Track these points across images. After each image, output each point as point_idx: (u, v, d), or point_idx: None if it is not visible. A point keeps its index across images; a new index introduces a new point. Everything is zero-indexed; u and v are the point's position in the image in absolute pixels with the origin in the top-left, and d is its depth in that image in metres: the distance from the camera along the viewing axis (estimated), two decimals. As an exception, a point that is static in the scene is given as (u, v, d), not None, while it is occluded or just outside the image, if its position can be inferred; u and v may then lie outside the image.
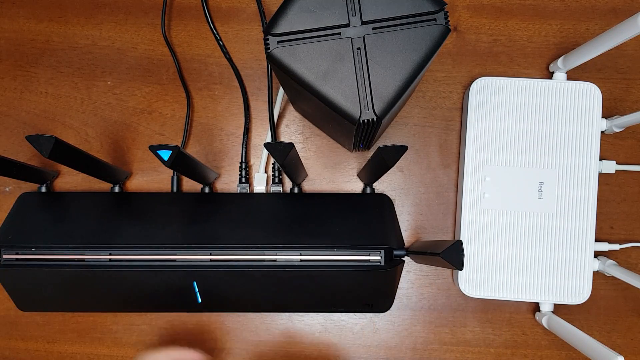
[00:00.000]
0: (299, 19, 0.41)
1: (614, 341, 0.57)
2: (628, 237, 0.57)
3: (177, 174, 0.58)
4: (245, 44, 0.59)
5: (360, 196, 0.56)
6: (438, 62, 0.58)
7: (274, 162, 0.58)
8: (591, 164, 0.54)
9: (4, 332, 0.59)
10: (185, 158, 0.47)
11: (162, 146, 0.44)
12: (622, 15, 0.58)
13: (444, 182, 0.58)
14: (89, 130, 0.59)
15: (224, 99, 0.59)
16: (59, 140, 0.44)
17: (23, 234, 0.53)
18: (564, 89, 0.55)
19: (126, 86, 0.59)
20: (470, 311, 0.58)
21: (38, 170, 0.55)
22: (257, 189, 0.58)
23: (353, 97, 0.41)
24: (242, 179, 0.58)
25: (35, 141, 0.44)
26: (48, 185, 0.57)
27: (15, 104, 0.59)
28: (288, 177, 0.52)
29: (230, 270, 0.51)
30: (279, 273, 0.50)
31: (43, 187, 0.57)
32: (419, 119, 0.58)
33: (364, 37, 0.41)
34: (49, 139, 0.44)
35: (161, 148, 0.44)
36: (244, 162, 0.58)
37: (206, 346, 0.58)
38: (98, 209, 0.53)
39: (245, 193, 0.57)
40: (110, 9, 0.60)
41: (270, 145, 0.42)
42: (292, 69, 0.41)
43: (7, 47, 0.60)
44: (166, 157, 0.44)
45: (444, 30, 0.41)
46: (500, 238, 0.55)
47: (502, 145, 0.55)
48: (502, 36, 0.58)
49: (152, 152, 0.44)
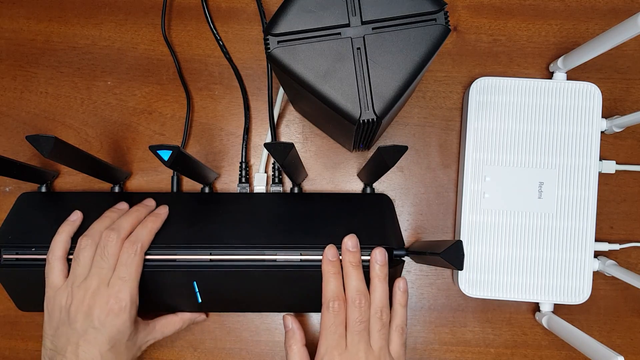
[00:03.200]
0: (299, 19, 0.41)
1: (614, 341, 0.57)
2: (628, 237, 0.57)
3: (177, 174, 0.58)
4: (245, 44, 0.59)
5: (360, 196, 0.56)
6: (438, 62, 0.58)
7: (274, 162, 0.58)
8: (591, 164, 0.54)
9: (4, 332, 0.59)
10: (185, 158, 0.47)
11: (162, 146, 0.44)
12: (622, 15, 0.58)
13: (444, 182, 0.58)
14: (89, 130, 0.59)
15: (224, 99, 0.59)
16: (59, 140, 0.44)
17: (23, 234, 0.53)
18: (564, 89, 0.55)
19: (126, 86, 0.59)
20: (470, 311, 0.58)
21: (38, 170, 0.55)
22: (257, 189, 0.58)
23: (353, 97, 0.41)
24: (242, 179, 0.58)
25: (35, 141, 0.44)
26: (48, 185, 0.57)
27: (15, 104, 0.59)
28: (288, 177, 0.52)
29: (230, 270, 0.51)
30: (279, 273, 0.50)
31: (43, 187, 0.57)
32: (419, 119, 0.58)
33: (364, 37, 0.41)
34: (48, 139, 0.44)
35: (161, 148, 0.44)
36: (244, 162, 0.58)
37: (206, 346, 0.58)
38: (98, 208, 0.53)
39: (245, 193, 0.57)
40: (110, 9, 0.60)
41: (271, 145, 0.42)
42: (292, 69, 0.41)
43: (7, 47, 0.60)
44: (166, 157, 0.44)
45: (444, 30, 0.41)
46: (500, 238, 0.55)
47: (502, 145, 0.55)
48: (502, 36, 0.58)
49: (152, 152, 0.44)
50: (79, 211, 0.52)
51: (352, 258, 0.49)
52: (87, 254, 0.48)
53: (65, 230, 0.50)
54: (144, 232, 0.50)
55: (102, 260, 0.48)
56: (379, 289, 0.49)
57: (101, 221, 0.51)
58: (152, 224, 0.51)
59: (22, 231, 0.53)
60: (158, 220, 0.52)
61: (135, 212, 0.52)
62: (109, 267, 0.48)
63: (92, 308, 0.47)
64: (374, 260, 0.49)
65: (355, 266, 0.49)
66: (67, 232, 0.50)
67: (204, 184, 0.56)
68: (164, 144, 0.44)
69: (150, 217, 0.52)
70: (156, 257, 0.51)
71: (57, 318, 0.48)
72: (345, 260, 0.49)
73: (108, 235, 0.49)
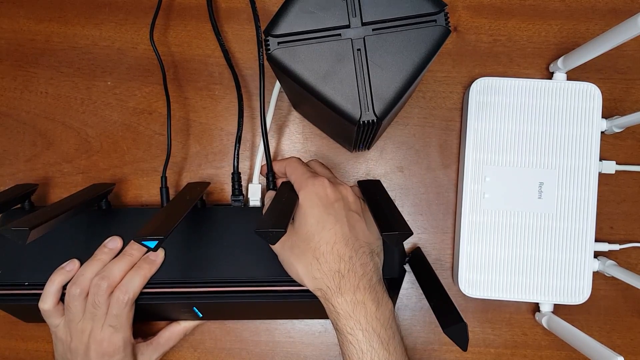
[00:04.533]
0: (299, 20, 0.41)
1: (613, 341, 0.57)
2: (628, 238, 0.57)
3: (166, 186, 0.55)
4: (245, 44, 0.59)
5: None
6: (438, 63, 0.58)
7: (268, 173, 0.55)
8: (591, 164, 0.54)
9: (4, 332, 0.59)
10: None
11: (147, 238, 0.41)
12: (622, 15, 0.58)
13: (444, 183, 0.58)
14: (89, 130, 0.59)
15: (224, 99, 0.59)
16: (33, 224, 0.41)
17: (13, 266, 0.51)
18: (564, 89, 0.55)
19: (126, 86, 0.59)
20: (470, 311, 0.58)
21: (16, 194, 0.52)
22: (252, 200, 0.55)
23: (353, 98, 0.41)
24: (236, 191, 0.54)
25: (9, 234, 0.40)
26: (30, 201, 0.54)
27: (16, 104, 0.59)
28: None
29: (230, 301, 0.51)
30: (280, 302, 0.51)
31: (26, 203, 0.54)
32: (419, 119, 0.58)
33: (364, 38, 0.41)
34: (22, 232, 0.40)
35: (146, 239, 0.41)
36: (236, 172, 0.54)
37: (206, 346, 0.58)
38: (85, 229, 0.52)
39: (239, 207, 0.54)
40: (110, 9, 0.59)
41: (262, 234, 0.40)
42: (293, 70, 0.41)
43: (7, 47, 0.60)
44: (152, 246, 0.41)
45: (444, 32, 0.41)
46: (500, 238, 0.55)
47: (502, 146, 0.55)
48: (502, 36, 0.58)
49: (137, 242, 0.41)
50: (76, 261, 0.51)
51: None
52: (78, 302, 0.49)
53: (57, 279, 0.49)
54: (136, 281, 0.49)
55: (94, 309, 0.48)
56: None
57: (91, 265, 0.50)
58: (145, 271, 0.50)
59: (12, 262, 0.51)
60: (153, 267, 0.50)
61: (128, 257, 0.50)
62: (102, 313, 0.48)
63: (89, 349, 0.49)
64: None
65: None
66: (59, 282, 0.50)
67: None
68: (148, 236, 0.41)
69: (144, 264, 0.50)
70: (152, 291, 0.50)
71: (61, 349, 0.50)
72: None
73: (98, 285, 0.48)
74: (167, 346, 0.54)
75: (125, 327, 0.49)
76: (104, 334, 0.48)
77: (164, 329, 0.54)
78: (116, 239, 0.51)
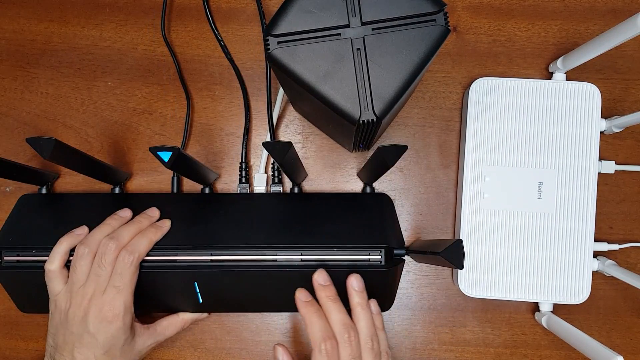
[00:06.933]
0: (299, 19, 0.41)
1: (613, 341, 0.57)
2: (627, 237, 0.57)
3: (177, 174, 0.58)
4: (245, 44, 0.59)
5: (360, 196, 0.56)
6: (438, 63, 0.58)
7: (274, 162, 0.58)
8: (590, 164, 0.55)
9: (4, 332, 0.59)
10: (185, 159, 0.47)
11: (162, 147, 0.44)
12: (621, 15, 0.58)
13: (444, 182, 0.58)
14: (90, 130, 0.59)
15: (224, 99, 0.59)
16: (59, 142, 0.44)
17: (24, 235, 0.53)
18: (564, 89, 0.55)
19: (126, 86, 0.59)
20: (470, 311, 0.58)
21: (38, 172, 0.55)
22: (257, 189, 0.58)
23: (353, 98, 0.41)
24: (243, 179, 0.58)
25: (36, 143, 0.44)
26: (48, 187, 0.57)
27: (16, 105, 0.59)
28: (288, 177, 0.52)
29: (231, 270, 0.51)
30: (280, 273, 0.51)
31: (44, 188, 0.57)
32: (419, 119, 0.58)
33: (364, 38, 0.41)
34: (49, 141, 0.44)
35: (161, 149, 0.44)
36: (244, 162, 0.58)
37: (206, 346, 0.58)
38: (98, 210, 0.53)
39: (245, 193, 0.57)
40: (111, 10, 0.60)
41: (269, 144, 0.42)
42: (292, 69, 0.41)
43: (7, 47, 0.60)
44: (166, 159, 0.44)
45: (443, 31, 0.41)
46: (500, 238, 0.55)
47: (502, 146, 0.55)
48: (501, 36, 0.58)
49: (153, 153, 0.44)
50: (86, 227, 0.52)
51: (329, 292, 0.48)
52: (85, 262, 0.49)
53: (66, 241, 0.50)
54: (143, 243, 0.50)
55: (99, 268, 0.48)
56: (362, 318, 0.48)
57: (101, 228, 0.51)
58: (152, 234, 0.51)
59: (23, 233, 0.53)
60: (159, 232, 0.51)
61: (137, 223, 0.51)
62: (106, 275, 0.48)
63: (88, 314, 0.48)
64: (351, 288, 0.48)
65: (334, 300, 0.48)
66: (68, 243, 0.50)
67: (204, 184, 0.56)
68: (164, 145, 0.44)
69: (151, 227, 0.51)
70: (156, 258, 0.51)
71: (57, 319, 0.49)
72: (322, 297, 0.48)
73: (106, 244, 0.49)
74: (164, 335, 0.54)
75: (127, 290, 0.48)
76: (105, 296, 0.48)
77: (162, 318, 0.54)
78: (127, 210, 0.53)
